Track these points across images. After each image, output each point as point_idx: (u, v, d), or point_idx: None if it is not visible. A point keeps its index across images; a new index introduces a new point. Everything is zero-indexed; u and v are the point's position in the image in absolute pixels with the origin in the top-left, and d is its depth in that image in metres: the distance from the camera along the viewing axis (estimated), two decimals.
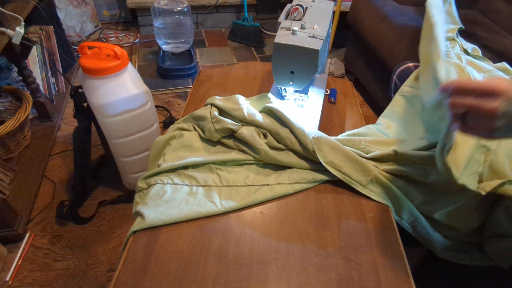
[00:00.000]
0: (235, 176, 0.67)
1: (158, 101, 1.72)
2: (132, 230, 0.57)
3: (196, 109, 0.76)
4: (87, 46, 0.91)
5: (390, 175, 0.66)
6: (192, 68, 1.90)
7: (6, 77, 1.43)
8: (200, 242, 0.56)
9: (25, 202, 1.13)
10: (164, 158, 0.69)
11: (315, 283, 0.52)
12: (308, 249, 0.56)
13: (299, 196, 0.65)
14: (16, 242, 1.05)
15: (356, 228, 0.60)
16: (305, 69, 0.71)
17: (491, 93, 0.37)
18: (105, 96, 0.89)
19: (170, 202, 0.61)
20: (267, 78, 1.00)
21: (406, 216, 0.64)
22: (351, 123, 0.86)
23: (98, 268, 1.01)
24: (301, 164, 0.68)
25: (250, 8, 2.44)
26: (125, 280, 0.51)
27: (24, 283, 0.97)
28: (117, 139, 1.01)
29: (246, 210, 0.62)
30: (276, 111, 0.70)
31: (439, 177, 0.60)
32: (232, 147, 0.71)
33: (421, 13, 1.49)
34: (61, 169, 1.31)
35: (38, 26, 1.54)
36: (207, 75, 1.01)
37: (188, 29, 1.93)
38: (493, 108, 0.37)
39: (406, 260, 0.56)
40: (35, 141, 1.38)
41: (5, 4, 1.20)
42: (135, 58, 2.08)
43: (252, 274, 0.52)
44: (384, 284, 0.52)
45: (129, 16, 2.48)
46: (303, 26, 0.70)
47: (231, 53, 2.20)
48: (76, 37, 2.17)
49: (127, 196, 1.20)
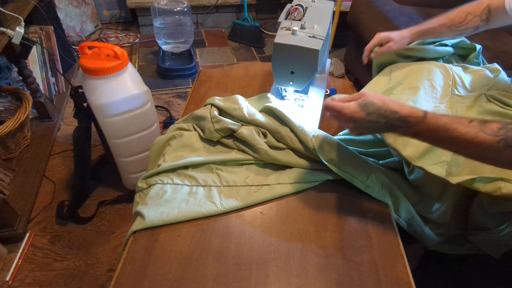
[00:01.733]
0: (235, 176, 0.67)
1: (158, 101, 1.71)
2: (132, 230, 0.57)
3: (196, 109, 0.76)
4: (87, 46, 0.91)
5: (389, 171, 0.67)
6: (192, 68, 1.90)
7: (6, 77, 1.43)
8: (200, 242, 0.56)
9: (25, 202, 1.13)
10: (164, 158, 0.69)
11: (315, 283, 0.52)
12: (308, 249, 0.56)
13: (299, 196, 0.65)
14: (16, 242, 1.05)
15: (356, 228, 0.60)
16: (305, 69, 0.71)
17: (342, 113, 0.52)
18: (105, 96, 0.89)
19: (170, 202, 0.61)
20: (267, 78, 1.00)
21: (403, 214, 0.65)
22: None
23: (98, 268, 1.01)
24: (301, 163, 0.68)
25: (250, 8, 2.44)
26: (125, 280, 0.51)
27: (24, 283, 0.97)
28: (117, 139, 1.01)
29: (246, 210, 0.62)
30: (276, 111, 0.70)
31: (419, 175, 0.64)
32: (232, 147, 0.71)
33: (421, 13, 1.49)
34: (61, 169, 1.31)
35: (38, 26, 1.54)
36: (207, 75, 1.01)
37: (188, 29, 1.93)
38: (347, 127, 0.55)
39: (406, 260, 0.56)
40: (35, 141, 1.38)
41: (5, 4, 1.20)
42: (135, 58, 2.08)
43: (252, 274, 0.52)
44: (384, 284, 0.52)
45: (129, 16, 2.48)
46: (303, 26, 0.70)
47: (231, 53, 2.20)
48: (76, 37, 2.17)
49: (127, 196, 1.20)
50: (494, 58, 1.17)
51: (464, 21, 0.72)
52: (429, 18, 0.78)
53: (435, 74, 0.73)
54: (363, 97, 0.52)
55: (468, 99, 0.68)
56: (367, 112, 0.50)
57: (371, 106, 0.50)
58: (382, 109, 0.50)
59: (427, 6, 1.60)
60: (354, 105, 0.51)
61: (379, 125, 0.51)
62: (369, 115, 0.50)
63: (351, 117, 0.51)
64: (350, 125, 0.53)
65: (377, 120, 0.50)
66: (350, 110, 0.51)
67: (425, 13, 1.50)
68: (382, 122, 0.50)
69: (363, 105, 0.51)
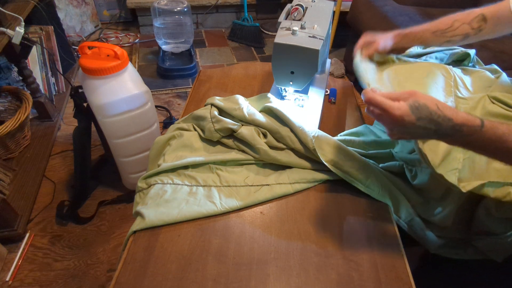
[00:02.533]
0: (235, 176, 0.67)
1: (158, 101, 1.71)
2: (132, 230, 0.57)
3: (196, 109, 0.76)
4: (87, 46, 0.91)
5: (389, 174, 0.67)
6: (192, 68, 1.90)
7: (6, 77, 1.43)
8: (200, 242, 0.56)
9: (25, 202, 1.13)
10: (164, 158, 0.69)
11: (315, 283, 0.52)
12: (308, 249, 0.56)
13: (299, 196, 0.65)
14: (16, 242, 1.05)
15: (356, 228, 0.60)
16: (305, 69, 0.71)
17: (389, 113, 0.45)
18: (105, 96, 0.89)
19: (170, 202, 0.61)
20: (267, 78, 1.00)
21: (404, 215, 0.65)
22: (351, 123, 0.86)
23: (98, 268, 1.01)
24: (301, 164, 0.68)
25: (250, 8, 2.44)
26: (125, 280, 0.51)
27: (24, 283, 0.97)
28: (117, 139, 1.01)
29: (246, 210, 0.62)
30: (276, 111, 0.70)
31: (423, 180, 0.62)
32: (232, 147, 0.71)
33: (421, 13, 1.49)
34: (61, 169, 1.31)
35: (38, 26, 1.54)
36: (207, 75, 1.01)
37: (188, 29, 1.93)
38: (388, 129, 0.49)
39: (406, 260, 0.56)
40: (35, 141, 1.38)
41: (5, 4, 1.20)
42: (135, 58, 2.08)
43: (252, 274, 0.52)
44: (384, 284, 0.52)
45: (129, 16, 2.48)
46: (303, 26, 0.70)
47: (231, 53, 2.20)
48: (76, 37, 2.17)
49: (127, 196, 1.20)
50: (494, 58, 1.17)
51: (450, 27, 0.68)
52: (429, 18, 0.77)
53: (436, 74, 0.72)
54: (415, 98, 0.45)
55: (471, 101, 0.67)
56: (418, 117, 0.44)
57: (424, 110, 0.44)
58: (436, 114, 0.44)
59: (427, 6, 1.60)
60: (405, 106, 0.45)
61: (427, 132, 0.46)
62: (420, 120, 0.44)
63: (400, 120, 0.45)
64: (394, 127, 0.47)
65: (427, 127, 0.45)
66: (401, 112, 0.44)
67: (425, 13, 1.50)
68: (432, 129, 0.45)
69: (415, 108, 0.44)
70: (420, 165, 0.63)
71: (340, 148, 0.66)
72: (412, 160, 0.64)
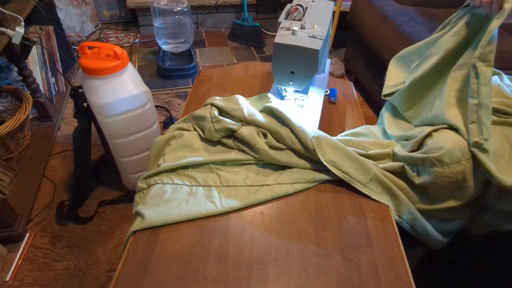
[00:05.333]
0: (235, 176, 0.67)
1: (158, 101, 1.72)
2: (132, 230, 0.57)
3: (196, 109, 0.76)
4: (87, 46, 0.91)
5: (390, 174, 0.66)
6: (192, 68, 1.90)
7: (6, 77, 1.43)
8: (200, 242, 0.56)
9: (25, 202, 1.13)
10: (164, 158, 0.69)
11: (315, 283, 0.52)
12: (308, 249, 0.56)
13: (299, 196, 0.65)
14: (16, 242, 1.05)
15: (356, 228, 0.60)
16: (305, 69, 0.71)
17: None
18: (105, 96, 0.89)
19: (170, 202, 0.61)
20: (267, 78, 1.00)
21: (405, 216, 0.65)
22: (351, 123, 0.86)
23: (98, 268, 1.01)
24: (301, 164, 0.68)
25: (250, 8, 2.44)
26: (125, 280, 0.51)
27: (24, 283, 0.97)
28: (117, 139, 1.01)
29: (246, 210, 0.62)
30: (276, 111, 0.70)
31: (427, 180, 0.62)
32: (232, 147, 0.71)
33: (421, 13, 1.49)
34: (61, 169, 1.31)
35: (38, 26, 1.54)
36: (207, 75, 1.01)
37: (188, 29, 1.93)
38: None
39: (406, 260, 0.56)
40: (35, 141, 1.38)
41: (5, 4, 1.20)
42: (135, 58, 2.08)
43: (252, 274, 0.52)
44: (384, 284, 0.52)
45: (129, 16, 2.48)
46: (303, 26, 0.70)
47: (231, 53, 2.20)
48: (76, 37, 2.17)
49: (127, 196, 1.20)
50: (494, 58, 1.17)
51: None
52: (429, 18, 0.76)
53: None
54: None
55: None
56: None
57: None
58: None
59: (427, 6, 1.60)
60: None
61: None
62: None
63: None
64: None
65: None
66: None
67: (426, 13, 1.50)
68: None
69: None
70: (423, 164, 0.62)
71: (340, 149, 0.66)
72: (414, 159, 0.63)
